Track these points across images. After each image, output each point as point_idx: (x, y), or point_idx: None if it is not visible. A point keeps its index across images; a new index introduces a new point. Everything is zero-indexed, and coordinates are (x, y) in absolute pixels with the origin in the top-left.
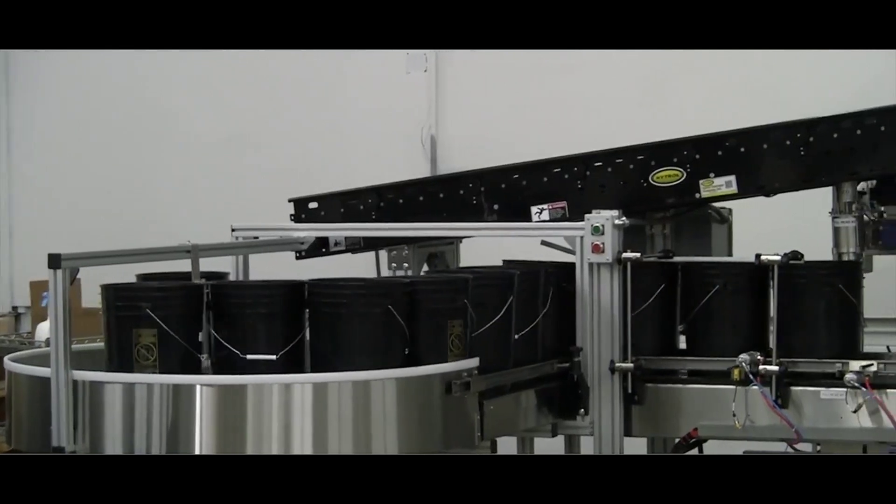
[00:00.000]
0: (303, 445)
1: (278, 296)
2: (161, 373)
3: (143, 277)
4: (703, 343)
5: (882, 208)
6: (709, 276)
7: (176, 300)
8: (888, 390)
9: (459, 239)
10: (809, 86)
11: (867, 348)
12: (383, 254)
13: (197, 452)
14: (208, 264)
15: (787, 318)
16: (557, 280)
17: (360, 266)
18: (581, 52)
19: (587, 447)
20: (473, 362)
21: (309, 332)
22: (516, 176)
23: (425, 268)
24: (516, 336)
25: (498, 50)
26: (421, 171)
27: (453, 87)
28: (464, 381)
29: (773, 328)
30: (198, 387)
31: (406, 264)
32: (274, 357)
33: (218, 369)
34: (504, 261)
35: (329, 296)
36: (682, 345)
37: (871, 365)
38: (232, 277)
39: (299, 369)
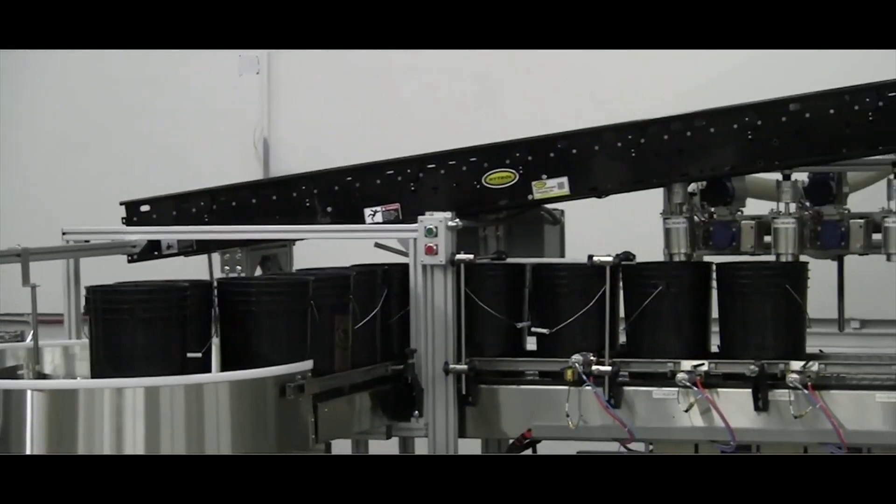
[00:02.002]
0: (135, 447)
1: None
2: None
3: None
4: (643, 344)
5: (712, 209)
6: (651, 277)
7: None
8: (719, 389)
9: (293, 241)
10: (641, 87)
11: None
12: (216, 256)
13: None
14: (38, 268)
15: (731, 320)
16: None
17: (193, 269)
18: (415, 52)
19: (422, 449)
20: (307, 364)
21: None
22: (349, 178)
23: (258, 271)
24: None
25: (330, 51)
26: (254, 173)
27: (286, 89)
28: (297, 384)
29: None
30: (28, 392)
31: (239, 267)
32: (199, 354)
33: None
34: None
35: (243, 294)
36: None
37: (702, 364)
38: (62, 282)
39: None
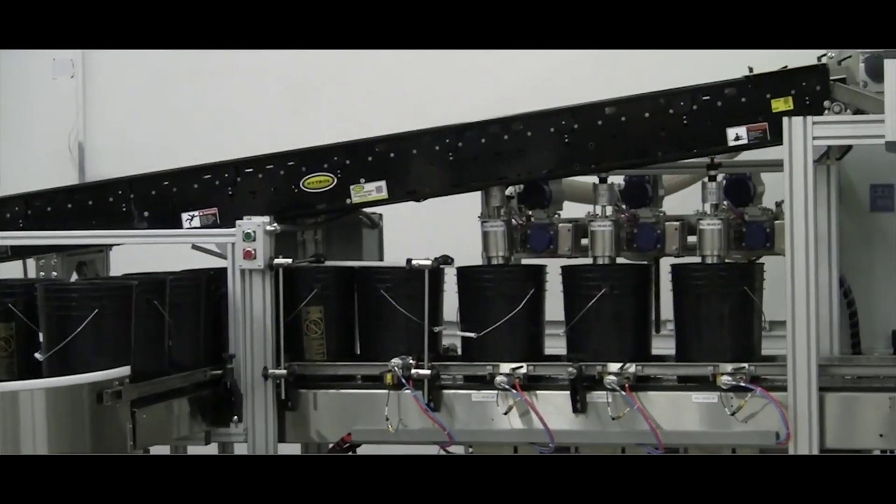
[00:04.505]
0: None
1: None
2: None
3: None
4: (583, 347)
5: (530, 212)
6: (591, 279)
7: None
8: (538, 391)
9: (109, 246)
10: (458, 91)
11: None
12: (31, 262)
13: None
14: None
15: (686, 321)
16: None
17: (6, 274)
18: (232, 55)
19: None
20: (125, 371)
21: None
22: (166, 183)
23: (74, 276)
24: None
25: (145, 55)
26: (69, 178)
27: (101, 93)
28: (115, 391)
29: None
30: None
31: (55, 273)
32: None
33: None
34: None
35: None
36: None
37: (521, 367)
38: None
39: None
